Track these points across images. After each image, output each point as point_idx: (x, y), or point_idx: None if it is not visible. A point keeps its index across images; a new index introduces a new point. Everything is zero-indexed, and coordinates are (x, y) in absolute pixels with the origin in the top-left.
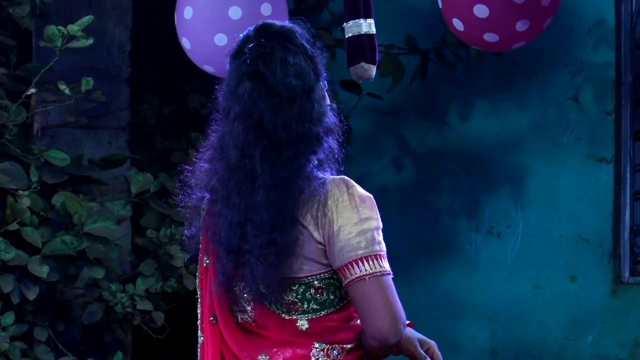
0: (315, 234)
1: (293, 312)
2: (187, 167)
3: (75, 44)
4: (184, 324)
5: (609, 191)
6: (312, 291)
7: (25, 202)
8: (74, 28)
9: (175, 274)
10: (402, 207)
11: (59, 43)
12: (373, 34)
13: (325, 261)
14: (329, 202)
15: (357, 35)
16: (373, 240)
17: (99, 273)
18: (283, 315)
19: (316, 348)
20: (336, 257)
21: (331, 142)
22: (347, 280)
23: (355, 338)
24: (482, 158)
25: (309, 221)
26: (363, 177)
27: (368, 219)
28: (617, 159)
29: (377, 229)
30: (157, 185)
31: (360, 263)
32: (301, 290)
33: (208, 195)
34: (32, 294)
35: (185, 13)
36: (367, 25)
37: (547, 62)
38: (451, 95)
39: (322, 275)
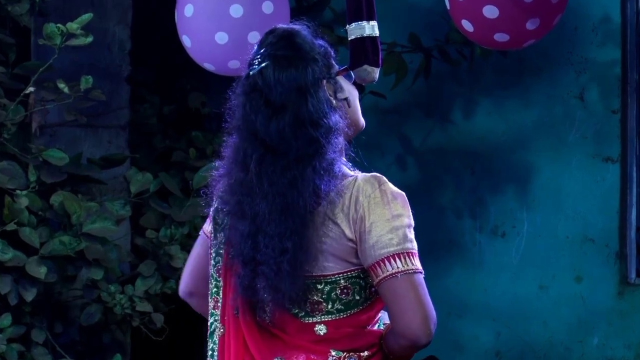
0: (347, 231)
1: (316, 313)
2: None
3: (74, 42)
4: (183, 326)
5: (615, 190)
6: (338, 291)
7: (23, 202)
8: (73, 26)
9: (175, 275)
10: None
11: (58, 41)
12: (376, 36)
13: (354, 260)
14: (361, 199)
15: (360, 38)
16: (405, 238)
17: (97, 274)
18: (303, 318)
19: (332, 356)
20: (367, 255)
21: (335, 140)
22: (379, 278)
23: (372, 344)
24: (486, 157)
25: (341, 218)
26: None
27: (400, 215)
28: (623, 158)
29: (409, 226)
30: (157, 185)
31: (392, 260)
32: (327, 289)
33: (225, 207)
34: (29, 295)
35: (186, 11)
36: (370, 28)
37: (552, 60)
38: (455, 93)
39: (349, 273)
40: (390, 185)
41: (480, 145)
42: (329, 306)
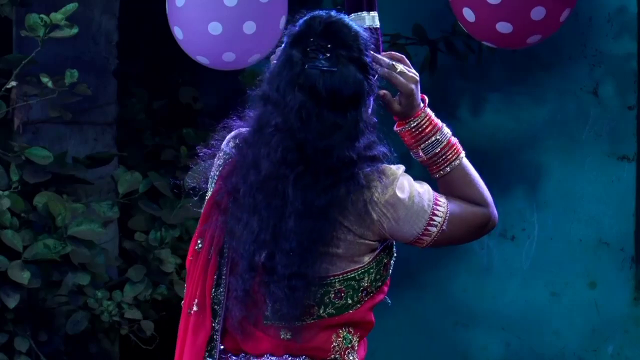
0: (362, 233)
1: (306, 317)
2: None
3: (58, 34)
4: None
5: (631, 191)
6: (332, 295)
7: (5, 203)
8: (57, 16)
9: (166, 280)
10: None
11: (41, 32)
12: (377, 28)
13: (363, 259)
14: (375, 198)
15: None
16: (425, 205)
17: (84, 279)
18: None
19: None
20: (407, 236)
21: (373, 167)
22: (426, 242)
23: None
24: (495, 156)
25: (351, 222)
26: None
27: (412, 195)
28: (639, 157)
29: (420, 191)
30: (147, 184)
31: (429, 227)
32: (320, 292)
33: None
34: (12, 302)
35: (177, 0)
36: (371, 19)
37: (564, 53)
38: (462, 89)
39: (346, 275)
40: (388, 171)
41: (488, 143)
42: (320, 310)
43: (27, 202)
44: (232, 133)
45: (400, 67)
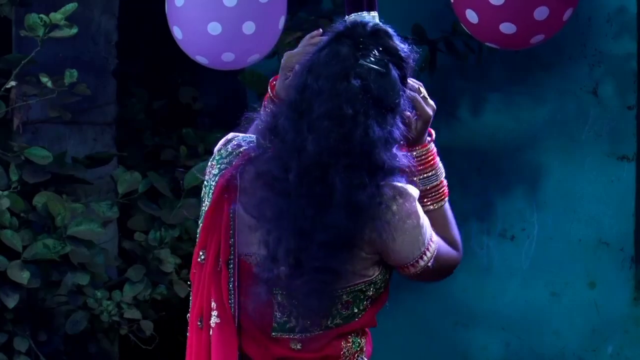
0: (366, 248)
1: (315, 328)
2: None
3: (58, 34)
4: (174, 334)
5: (631, 191)
6: (339, 306)
7: (5, 203)
8: (56, 16)
9: (165, 280)
10: None
11: (40, 32)
12: None
13: (366, 272)
14: (383, 218)
15: None
16: (426, 237)
17: (83, 279)
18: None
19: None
20: (401, 260)
21: (395, 177)
22: (416, 270)
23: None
24: (494, 156)
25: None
26: None
27: (420, 226)
28: (639, 157)
29: (424, 223)
30: (146, 184)
31: (420, 260)
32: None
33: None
34: (11, 302)
35: (177, 0)
36: (371, 19)
37: (564, 53)
38: (462, 89)
39: (353, 287)
40: (406, 194)
41: (488, 143)
42: (329, 322)
43: (26, 202)
44: (223, 141)
45: (423, 91)
